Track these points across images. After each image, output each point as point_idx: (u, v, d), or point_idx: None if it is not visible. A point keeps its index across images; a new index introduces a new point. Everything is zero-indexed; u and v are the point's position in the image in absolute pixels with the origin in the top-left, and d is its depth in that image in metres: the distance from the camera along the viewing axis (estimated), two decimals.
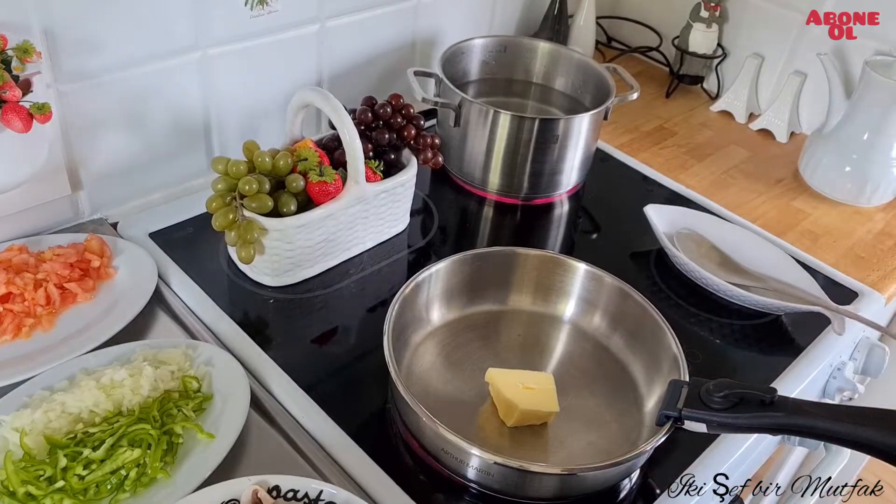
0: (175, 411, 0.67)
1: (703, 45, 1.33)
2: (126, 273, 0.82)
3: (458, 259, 0.81)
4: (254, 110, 1.00)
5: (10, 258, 0.78)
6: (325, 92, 0.82)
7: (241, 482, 0.60)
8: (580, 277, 0.83)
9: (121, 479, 0.61)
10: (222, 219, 0.78)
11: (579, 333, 0.83)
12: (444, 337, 0.81)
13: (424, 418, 0.64)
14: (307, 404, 0.72)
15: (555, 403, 0.72)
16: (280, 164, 0.81)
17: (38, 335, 0.75)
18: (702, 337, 0.88)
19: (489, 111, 0.99)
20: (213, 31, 0.90)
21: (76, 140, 0.85)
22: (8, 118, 0.68)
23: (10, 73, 0.70)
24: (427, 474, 0.69)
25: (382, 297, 0.87)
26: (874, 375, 1.01)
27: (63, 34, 0.78)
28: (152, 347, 0.73)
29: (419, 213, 1.01)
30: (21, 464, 0.61)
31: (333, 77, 1.07)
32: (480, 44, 1.14)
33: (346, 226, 0.87)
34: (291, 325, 0.82)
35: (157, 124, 0.91)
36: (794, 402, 0.62)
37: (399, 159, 0.92)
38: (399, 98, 0.92)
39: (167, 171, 0.96)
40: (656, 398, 0.74)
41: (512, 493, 0.66)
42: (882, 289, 0.99)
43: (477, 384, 0.75)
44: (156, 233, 0.90)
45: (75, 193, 0.88)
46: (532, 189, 1.05)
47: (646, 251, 1.00)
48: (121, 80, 0.85)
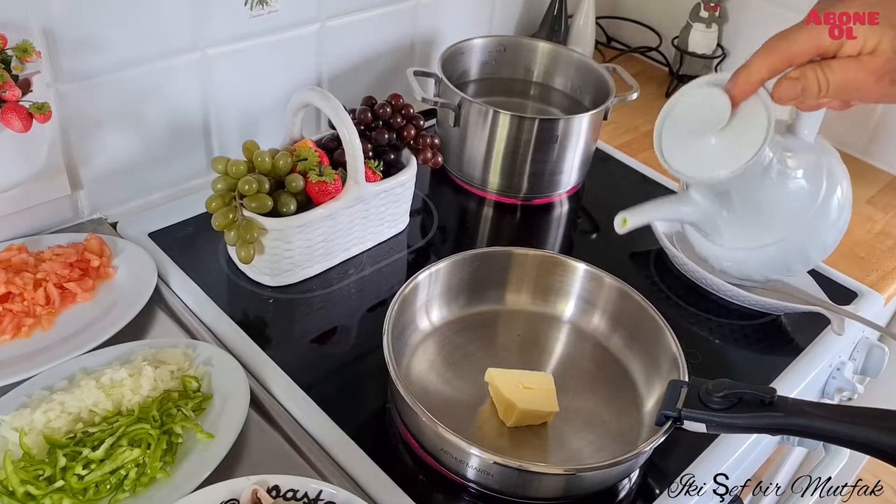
0: (175, 411, 0.67)
1: (702, 46, 1.33)
2: (126, 273, 0.82)
3: (458, 259, 0.81)
4: (253, 110, 1.00)
5: (9, 258, 0.78)
6: (324, 92, 0.81)
7: (241, 482, 0.60)
8: (580, 277, 0.83)
9: (120, 478, 0.61)
10: (222, 218, 0.78)
11: (579, 333, 0.83)
12: (444, 337, 0.81)
13: (424, 418, 0.64)
14: (307, 404, 0.72)
15: (554, 403, 0.72)
16: (280, 163, 0.81)
17: (38, 335, 0.75)
18: (701, 337, 0.88)
19: (489, 111, 0.99)
20: (212, 30, 0.90)
21: (76, 140, 0.85)
22: (7, 118, 0.68)
23: (9, 72, 0.70)
24: (426, 474, 0.69)
25: (382, 296, 0.87)
26: (873, 375, 1.01)
27: (63, 34, 0.78)
28: (152, 347, 0.73)
29: (419, 213, 1.01)
30: (20, 463, 0.61)
31: (333, 77, 1.07)
32: (480, 44, 1.14)
33: (345, 226, 0.87)
34: (291, 325, 0.82)
35: (156, 124, 0.91)
36: (793, 402, 0.62)
37: (399, 159, 0.92)
38: (399, 98, 0.92)
39: (167, 170, 0.95)
40: (656, 398, 0.74)
41: (511, 493, 0.66)
42: (881, 289, 0.99)
43: (476, 384, 0.75)
44: (155, 232, 0.90)
45: (75, 193, 0.88)
46: (532, 189, 1.05)
47: (645, 251, 1.00)
48: (120, 80, 0.85)
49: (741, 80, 0.57)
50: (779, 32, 0.57)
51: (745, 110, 0.57)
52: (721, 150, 0.58)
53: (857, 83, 0.53)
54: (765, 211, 0.60)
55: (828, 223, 0.59)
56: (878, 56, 0.52)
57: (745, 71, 0.57)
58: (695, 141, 0.60)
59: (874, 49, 0.52)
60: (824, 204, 0.59)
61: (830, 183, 0.59)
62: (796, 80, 0.55)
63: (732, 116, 0.58)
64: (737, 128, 0.58)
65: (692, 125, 0.60)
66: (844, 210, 0.60)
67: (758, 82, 0.57)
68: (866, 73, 0.52)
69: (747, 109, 0.57)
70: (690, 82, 0.63)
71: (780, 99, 0.56)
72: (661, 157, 0.63)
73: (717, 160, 0.59)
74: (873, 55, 0.52)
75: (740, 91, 0.57)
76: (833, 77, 0.53)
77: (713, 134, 0.58)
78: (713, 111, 0.58)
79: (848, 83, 0.53)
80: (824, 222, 0.59)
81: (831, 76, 0.53)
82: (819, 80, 0.54)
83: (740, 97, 0.58)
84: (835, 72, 0.53)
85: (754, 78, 0.56)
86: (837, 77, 0.53)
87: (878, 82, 0.52)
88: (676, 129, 0.62)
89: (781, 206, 0.59)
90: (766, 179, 0.58)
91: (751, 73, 0.56)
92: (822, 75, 0.54)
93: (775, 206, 0.59)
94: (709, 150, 0.59)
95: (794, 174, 0.58)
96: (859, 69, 0.52)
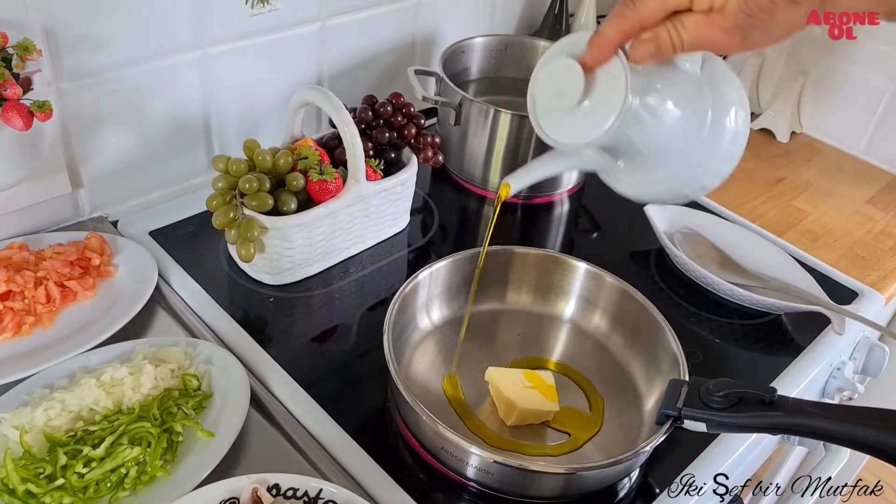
0: (175, 409, 0.67)
1: None
2: (126, 271, 0.82)
3: (459, 258, 0.81)
4: (254, 109, 1.00)
5: (10, 256, 0.78)
6: (325, 90, 0.82)
7: (241, 480, 0.60)
8: (580, 277, 0.83)
9: (121, 477, 0.61)
10: (222, 217, 0.78)
11: (579, 332, 0.83)
12: (444, 336, 0.81)
13: (424, 417, 0.64)
14: (307, 403, 0.72)
15: (555, 402, 0.72)
16: (280, 162, 0.81)
17: (38, 333, 0.75)
18: (702, 336, 0.88)
19: (490, 110, 0.99)
20: (213, 29, 0.90)
21: (76, 138, 0.85)
22: (8, 116, 0.68)
23: (10, 70, 0.70)
24: (427, 473, 0.69)
25: (382, 295, 0.87)
26: (874, 375, 1.01)
27: (63, 32, 0.78)
28: (152, 345, 0.73)
29: (419, 212, 1.01)
30: (21, 461, 0.61)
31: (334, 76, 1.07)
32: (481, 43, 1.14)
33: (346, 224, 0.87)
34: (291, 324, 0.83)
35: (157, 122, 0.91)
36: (793, 401, 0.62)
37: (399, 158, 0.92)
38: (399, 97, 0.92)
39: (167, 169, 0.96)
40: (656, 397, 0.74)
41: (511, 492, 0.66)
42: (882, 288, 0.99)
43: (477, 383, 0.76)
44: (156, 231, 0.90)
45: (75, 191, 0.88)
46: (532, 188, 1.05)
47: (646, 250, 1.00)
48: (121, 79, 0.85)
49: (595, 49, 0.58)
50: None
51: (603, 74, 0.58)
52: (587, 114, 0.59)
53: (709, 40, 0.55)
54: (651, 152, 0.60)
55: (720, 151, 0.59)
56: (727, 16, 0.53)
57: (598, 39, 0.58)
58: (563, 107, 0.60)
59: (722, 8, 0.53)
60: (712, 133, 0.58)
61: (717, 111, 0.59)
62: (650, 40, 0.56)
63: (592, 81, 0.58)
64: (598, 91, 0.58)
65: (554, 96, 0.61)
66: (739, 136, 0.60)
67: (612, 48, 0.58)
68: (717, 30, 0.54)
69: (606, 72, 0.58)
70: (552, 47, 0.63)
71: (636, 60, 0.57)
72: (536, 126, 0.63)
73: (585, 124, 0.59)
74: (721, 14, 0.53)
75: (595, 59, 0.58)
76: (686, 35, 0.55)
77: (576, 101, 0.59)
78: (570, 83, 0.59)
79: (701, 40, 0.55)
80: (715, 150, 0.59)
81: (684, 34, 0.55)
82: (672, 38, 0.55)
83: (596, 65, 0.59)
84: (688, 30, 0.55)
85: (608, 45, 0.57)
86: (690, 35, 0.55)
87: (730, 37, 0.54)
88: (544, 97, 0.63)
89: (664, 143, 0.59)
90: (639, 125, 0.58)
91: (605, 42, 0.57)
92: (676, 34, 0.55)
93: (658, 145, 0.60)
94: (576, 115, 0.60)
95: (667, 110, 0.59)
96: (710, 27, 0.54)
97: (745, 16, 0.52)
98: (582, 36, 0.60)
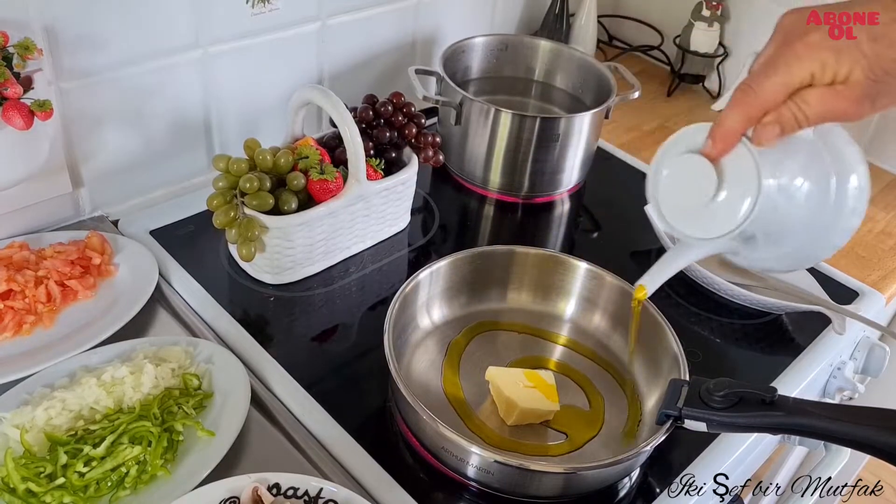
0: (175, 409, 0.67)
1: (704, 44, 1.33)
2: (127, 270, 0.82)
3: (459, 257, 0.81)
4: (255, 108, 1.00)
5: (10, 255, 0.78)
6: (326, 90, 0.82)
7: (242, 480, 0.60)
8: (581, 276, 0.83)
9: (121, 476, 0.61)
10: (223, 216, 0.78)
11: (579, 332, 0.83)
12: (445, 335, 0.81)
13: (425, 416, 0.64)
14: (307, 402, 0.72)
15: (555, 402, 0.72)
16: (281, 161, 0.81)
17: (39, 332, 0.75)
18: (702, 336, 0.88)
19: (490, 110, 0.99)
20: (213, 29, 0.90)
21: (77, 137, 0.85)
22: (9, 115, 0.68)
23: (11, 70, 0.70)
24: (427, 472, 0.69)
25: (383, 295, 0.87)
26: (874, 375, 1.01)
27: (64, 32, 0.78)
28: (153, 345, 0.73)
29: (420, 212, 1.01)
30: (21, 461, 0.61)
31: (334, 75, 1.07)
32: (481, 42, 1.14)
33: (346, 224, 0.87)
34: (292, 323, 0.83)
35: (158, 122, 0.91)
36: (794, 401, 0.62)
37: (400, 157, 0.92)
38: (400, 96, 0.92)
39: (168, 168, 0.96)
40: (656, 397, 0.74)
41: (512, 492, 0.66)
42: (882, 288, 0.99)
43: (477, 382, 0.76)
44: (157, 230, 0.90)
45: (76, 191, 0.88)
46: (533, 188, 1.05)
47: (646, 250, 1.00)
48: (122, 78, 0.85)
49: (719, 142, 0.56)
50: (744, 80, 0.55)
51: (730, 163, 0.56)
52: (721, 205, 0.57)
53: (836, 112, 0.52)
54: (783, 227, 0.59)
55: (847, 211, 0.58)
56: (852, 86, 0.51)
57: (721, 131, 0.55)
58: (697, 203, 0.58)
59: (846, 79, 0.51)
60: (839, 197, 0.57)
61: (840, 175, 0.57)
62: (774, 123, 0.53)
63: (721, 173, 0.57)
64: (729, 181, 0.57)
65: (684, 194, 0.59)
66: (863, 192, 0.58)
67: (737, 138, 0.55)
68: (844, 101, 0.52)
69: (732, 161, 0.56)
70: (665, 146, 0.61)
71: (761, 144, 0.54)
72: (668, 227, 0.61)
73: (721, 215, 0.57)
74: (847, 85, 0.51)
75: (721, 152, 0.56)
76: (810, 111, 0.53)
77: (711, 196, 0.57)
78: (702, 178, 0.57)
79: (827, 113, 0.52)
80: (842, 212, 0.58)
81: (808, 110, 0.53)
82: (797, 116, 0.53)
83: (721, 157, 0.57)
84: (811, 105, 0.52)
85: (733, 136, 0.55)
86: (814, 110, 0.52)
87: (859, 106, 0.52)
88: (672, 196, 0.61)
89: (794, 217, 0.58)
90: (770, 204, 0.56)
91: (728, 133, 0.55)
92: (800, 112, 0.53)
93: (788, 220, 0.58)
94: (709, 208, 0.58)
95: (795, 185, 0.57)
96: (836, 98, 0.52)
97: (872, 82, 0.50)
98: (697, 128, 0.58)
